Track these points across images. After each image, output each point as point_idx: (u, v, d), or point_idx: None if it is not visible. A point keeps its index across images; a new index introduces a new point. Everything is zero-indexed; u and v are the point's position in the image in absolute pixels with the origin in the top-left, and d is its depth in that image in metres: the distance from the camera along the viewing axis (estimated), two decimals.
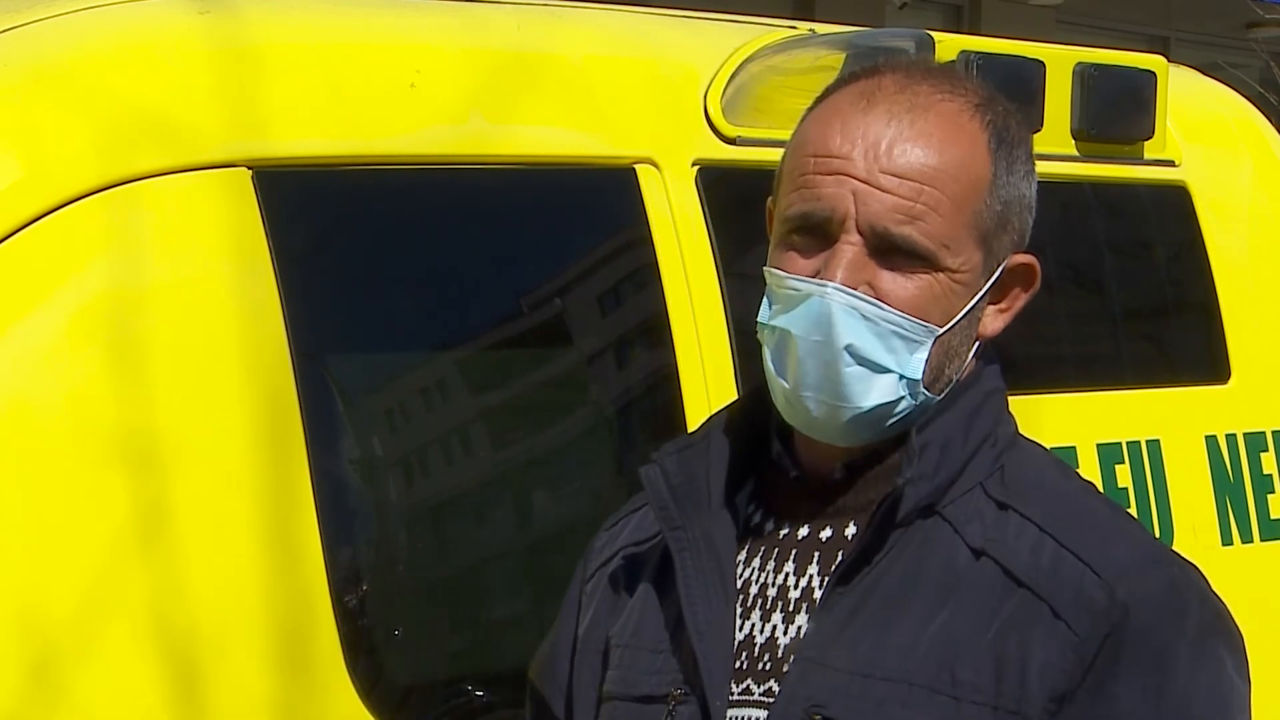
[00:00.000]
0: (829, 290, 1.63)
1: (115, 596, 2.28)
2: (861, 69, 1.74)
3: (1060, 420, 3.22)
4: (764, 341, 1.69)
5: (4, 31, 2.45)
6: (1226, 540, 3.40)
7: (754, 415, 1.74)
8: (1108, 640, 1.62)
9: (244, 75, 2.51)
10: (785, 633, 1.68)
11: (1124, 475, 3.26)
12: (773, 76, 3.04)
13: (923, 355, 1.65)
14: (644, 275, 2.80)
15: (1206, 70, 3.91)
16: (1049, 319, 3.40)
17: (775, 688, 1.67)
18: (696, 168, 2.87)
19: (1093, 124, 3.22)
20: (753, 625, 1.70)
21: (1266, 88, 9.85)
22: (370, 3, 2.84)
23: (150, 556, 2.30)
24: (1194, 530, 3.35)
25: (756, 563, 1.72)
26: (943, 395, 1.69)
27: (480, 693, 2.57)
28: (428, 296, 2.69)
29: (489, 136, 2.72)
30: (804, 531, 1.71)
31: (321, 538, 2.41)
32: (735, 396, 2.71)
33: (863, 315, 1.63)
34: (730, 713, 1.67)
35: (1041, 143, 3.19)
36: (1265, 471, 3.47)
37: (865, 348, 1.63)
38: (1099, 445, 3.23)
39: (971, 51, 3.05)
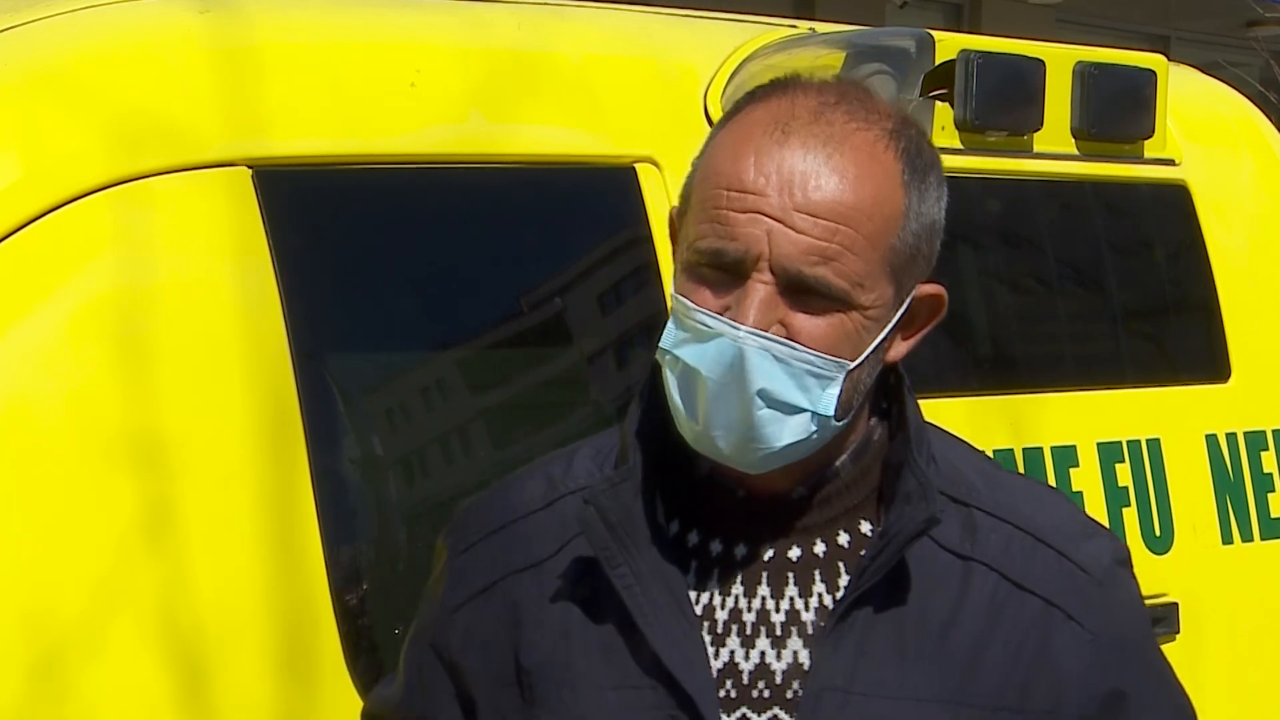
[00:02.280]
0: (741, 334, 1.60)
1: (118, 595, 2.28)
2: (775, 85, 1.69)
3: (1060, 419, 3.22)
4: (667, 367, 1.65)
5: (4, 30, 2.45)
6: (1227, 539, 3.40)
7: (659, 430, 1.70)
8: (1117, 634, 1.70)
9: (244, 74, 2.51)
10: (779, 658, 1.66)
11: (1124, 474, 3.26)
12: (773, 75, 3.03)
13: (835, 390, 1.63)
14: (644, 275, 2.79)
15: (1207, 69, 3.91)
16: (1049, 318, 3.40)
17: (782, 715, 1.65)
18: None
19: (1093, 123, 3.22)
20: (732, 653, 1.67)
21: (1267, 86, 9.85)
22: (370, 2, 2.84)
23: (151, 555, 2.30)
24: (1194, 529, 3.35)
25: (715, 587, 1.68)
26: (849, 419, 1.68)
27: None
28: (428, 296, 2.69)
29: (489, 136, 2.72)
30: (769, 554, 1.68)
31: (322, 536, 2.41)
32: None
33: (775, 357, 1.61)
34: None
35: (1041, 142, 3.22)
36: (1265, 470, 3.47)
37: (778, 390, 1.61)
38: (1099, 444, 3.23)
39: (971, 50, 3.05)
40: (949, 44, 3.05)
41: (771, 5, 5.28)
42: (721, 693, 1.66)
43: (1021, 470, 3.11)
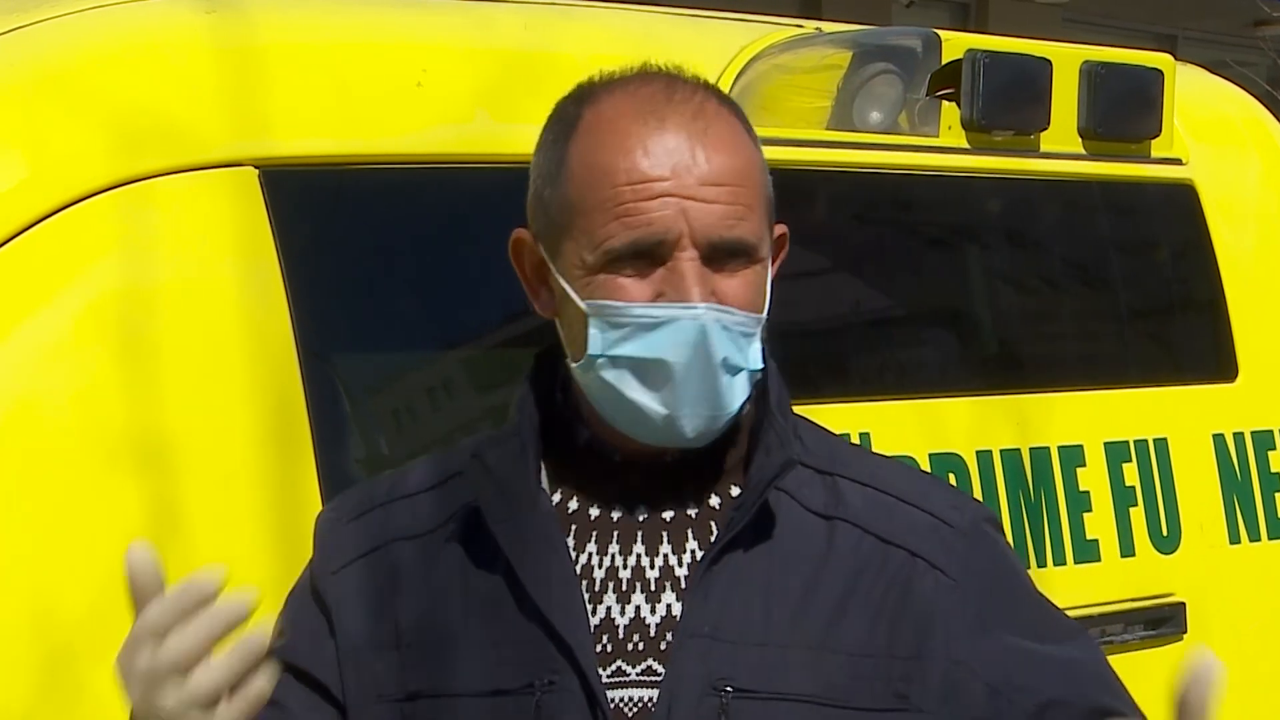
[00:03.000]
0: (699, 311, 1.66)
1: (125, 595, 2.28)
2: (590, 86, 1.76)
3: (1067, 419, 3.22)
4: (598, 372, 1.69)
5: (10, 31, 2.45)
6: (1234, 539, 3.40)
7: (544, 399, 1.76)
8: (980, 579, 1.76)
9: (250, 74, 2.51)
10: (653, 612, 1.71)
11: (1131, 474, 3.26)
12: (779, 75, 3.04)
13: (758, 344, 1.72)
14: None
15: (1214, 68, 3.91)
16: (1056, 318, 3.40)
17: (656, 665, 1.69)
18: None
19: (1099, 122, 3.21)
20: (609, 608, 1.71)
21: (1274, 86, 9.84)
22: (377, 2, 2.84)
23: (159, 555, 2.30)
24: (1201, 529, 3.35)
25: (592, 548, 1.73)
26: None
27: None
28: (434, 296, 2.69)
29: (496, 136, 2.72)
30: (642, 514, 1.73)
31: None
32: None
33: (723, 325, 1.68)
34: (609, 694, 1.69)
35: (1048, 141, 3.21)
36: (1273, 470, 3.47)
37: (732, 355, 1.69)
38: (1106, 444, 3.23)
39: (978, 50, 3.04)
40: (955, 43, 3.05)
41: (777, 5, 5.29)
42: (598, 647, 1.70)
43: (1028, 472, 3.11)
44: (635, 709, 1.69)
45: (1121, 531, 3.23)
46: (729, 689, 1.67)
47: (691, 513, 1.74)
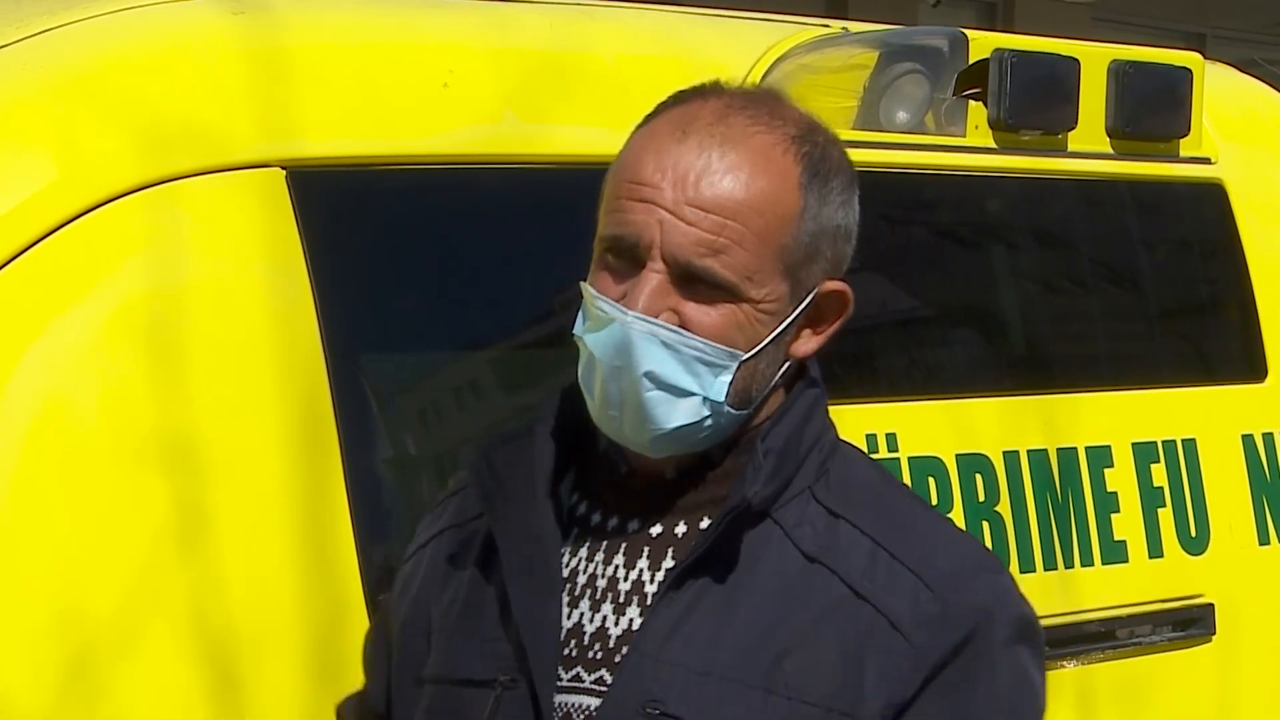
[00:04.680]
0: (629, 319, 1.68)
1: (150, 596, 2.29)
2: (689, 91, 1.78)
3: (1095, 419, 3.20)
4: (580, 352, 1.74)
5: (40, 34, 2.46)
6: (1264, 540, 3.38)
7: (575, 408, 1.78)
8: (944, 652, 1.67)
9: (277, 75, 2.52)
10: (616, 624, 1.72)
11: (1159, 474, 3.24)
12: (805, 75, 3.03)
13: (726, 378, 1.69)
14: None
15: (1243, 67, 3.89)
16: (1084, 318, 3.38)
17: (606, 676, 1.71)
18: None
19: (1128, 121, 3.20)
20: (581, 614, 1.73)
21: None
22: (403, 3, 2.85)
23: (185, 556, 2.31)
24: (1230, 529, 3.33)
25: (583, 553, 1.75)
26: (750, 410, 1.74)
27: None
28: (461, 296, 2.70)
29: (522, 136, 2.73)
30: (633, 526, 1.75)
31: (355, 537, 2.42)
32: None
33: (662, 342, 1.68)
34: (559, 699, 1.70)
35: (1076, 140, 3.20)
36: None
37: (665, 373, 1.68)
38: (1134, 444, 3.22)
39: (1005, 49, 3.03)
40: (982, 43, 3.04)
41: (804, 5, 5.28)
42: (566, 650, 1.72)
43: (1056, 473, 3.10)
44: (582, 716, 1.71)
45: (1150, 532, 3.22)
46: (659, 711, 1.67)
47: (679, 531, 1.74)
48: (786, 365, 1.76)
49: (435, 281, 2.67)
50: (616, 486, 1.77)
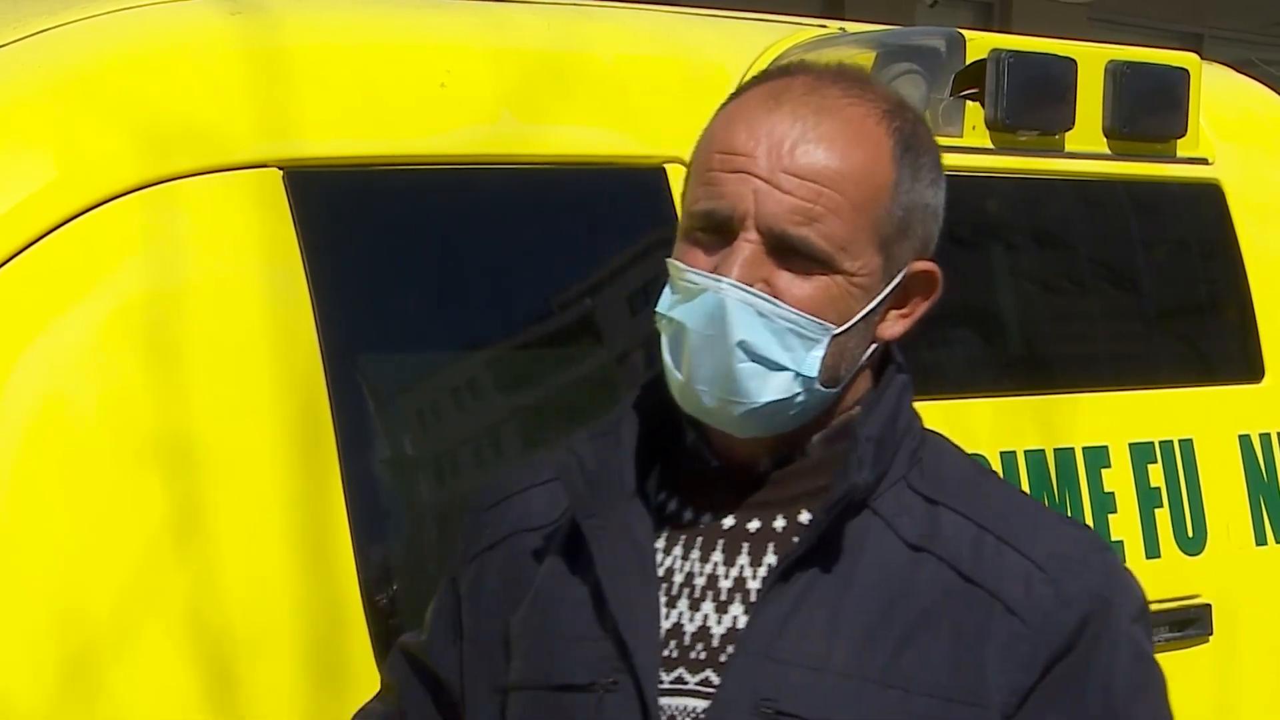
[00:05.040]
0: (724, 285, 1.65)
1: (148, 595, 2.29)
2: (776, 68, 1.76)
3: (1092, 419, 3.21)
4: (662, 331, 1.70)
5: (38, 34, 2.46)
6: (1260, 540, 3.39)
7: (661, 402, 1.74)
8: (1063, 635, 1.65)
9: (275, 76, 2.52)
10: (719, 623, 1.69)
11: (1156, 475, 3.24)
12: None
13: (819, 353, 1.67)
14: None
15: (1240, 67, 3.89)
16: (1081, 318, 3.39)
17: (713, 677, 1.67)
18: None
19: (1125, 122, 3.20)
20: (680, 614, 1.70)
21: None
22: (400, 3, 2.85)
23: (182, 555, 2.31)
24: (1227, 530, 3.33)
25: (678, 551, 1.72)
26: (839, 390, 1.71)
27: None
28: (458, 296, 2.70)
29: (519, 136, 2.73)
30: (729, 522, 1.71)
31: (353, 537, 2.42)
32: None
33: (757, 311, 1.65)
34: (663, 701, 1.67)
35: (1073, 141, 3.20)
36: None
37: (759, 344, 1.65)
38: (1131, 445, 3.22)
39: (1002, 49, 3.04)
40: (980, 43, 3.04)
41: (801, 5, 5.28)
42: (666, 652, 1.69)
43: (1053, 473, 3.10)
44: (688, 719, 1.67)
45: (1147, 533, 3.22)
46: (773, 710, 1.64)
47: (777, 526, 1.70)
48: (874, 347, 1.73)
49: (432, 281, 2.68)
50: (706, 481, 1.73)
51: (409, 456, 2.65)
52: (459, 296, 2.70)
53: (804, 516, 1.70)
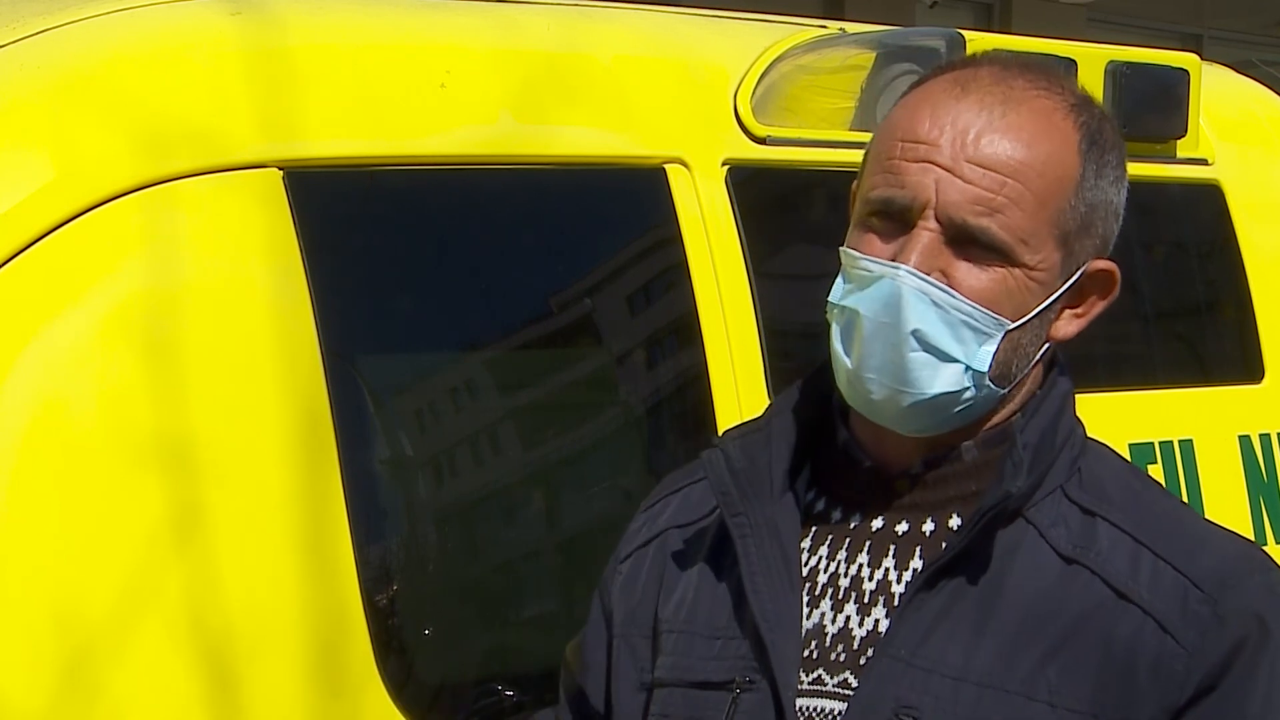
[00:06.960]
0: (901, 273, 1.61)
1: (147, 596, 2.28)
2: (960, 59, 1.73)
3: (1092, 420, 3.19)
4: (832, 320, 1.67)
5: (37, 34, 2.46)
6: (1260, 540, 3.39)
7: (815, 399, 1.72)
8: (1219, 656, 1.60)
9: (275, 76, 2.52)
10: (861, 625, 1.66)
11: (1156, 475, 3.25)
12: (803, 76, 3.03)
13: (991, 348, 1.63)
14: (674, 275, 2.79)
15: (1240, 68, 3.90)
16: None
17: (851, 680, 1.65)
18: (726, 167, 2.87)
19: (1125, 122, 3.20)
20: (822, 614, 1.67)
21: None
22: (400, 3, 2.85)
23: (182, 556, 2.31)
24: None
25: (824, 551, 1.69)
26: (1007, 390, 1.68)
27: (510, 692, 2.58)
28: (458, 297, 2.70)
29: (519, 137, 2.73)
30: (877, 524, 1.69)
31: (352, 537, 2.42)
32: (767, 397, 2.71)
33: (933, 301, 1.62)
34: (800, 702, 1.65)
35: None
36: None
37: (932, 334, 1.62)
38: (1131, 445, 3.22)
39: (1002, 51, 3.03)
40: (979, 44, 3.04)
41: (801, 5, 5.28)
42: (806, 652, 1.67)
43: None
44: None
45: None
46: (912, 718, 1.61)
47: (926, 529, 1.67)
48: (1046, 347, 1.70)
49: (432, 282, 2.67)
50: (857, 482, 1.70)
51: (409, 457, 2.65)
52: (458, 297, 2.70)
53: (954, 522, 1.67)
